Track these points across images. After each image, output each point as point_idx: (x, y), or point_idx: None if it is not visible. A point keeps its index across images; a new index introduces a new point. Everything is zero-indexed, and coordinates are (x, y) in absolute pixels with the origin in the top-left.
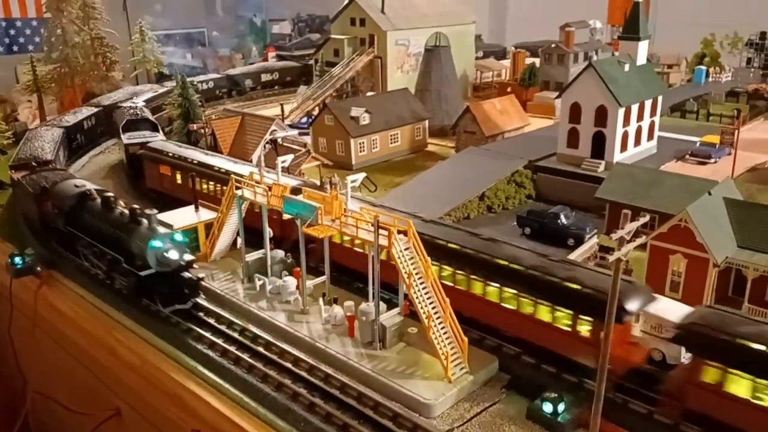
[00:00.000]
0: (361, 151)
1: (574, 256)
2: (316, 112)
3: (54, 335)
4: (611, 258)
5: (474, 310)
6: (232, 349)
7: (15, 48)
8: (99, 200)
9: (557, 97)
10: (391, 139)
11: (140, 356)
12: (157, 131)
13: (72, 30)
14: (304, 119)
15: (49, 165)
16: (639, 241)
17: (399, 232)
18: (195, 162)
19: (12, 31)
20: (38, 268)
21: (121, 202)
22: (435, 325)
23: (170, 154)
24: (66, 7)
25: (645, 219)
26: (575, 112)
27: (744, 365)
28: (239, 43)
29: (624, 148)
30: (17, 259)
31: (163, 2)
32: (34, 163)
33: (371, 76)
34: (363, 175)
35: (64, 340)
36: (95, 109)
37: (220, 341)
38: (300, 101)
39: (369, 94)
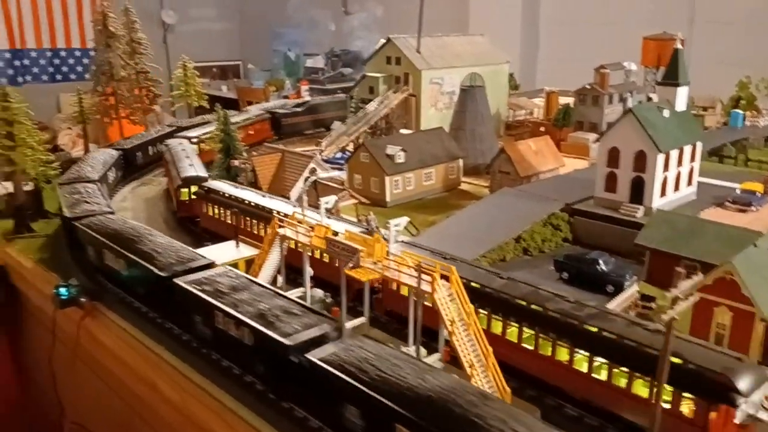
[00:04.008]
0: (395, 189)
1: (614, 304)
2: (350, 147)
3: (94, 367)
4: (665, 317)
5: None
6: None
7: (58, 77)
8: None
9: (596, 141)
10: (425, 178)
11: (181, 393)
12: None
13: (119, 64)
14: (339, 154)
15: None
16: (692, 299)
17: (442, 277)
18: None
19: (56, 61)
20: (82, 299)
21: None
22: (478, 374)
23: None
24: (114, 42)
25: (699, 277)
26: (614, 157)
27: None
28: (272, 76)
29: (663, 193)
30: (62, 290)
31: (200, 35)
32: None
33: (405, 113)
34: (406, 219)
35: (103, 372)
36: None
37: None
38: (335, 137)
39: (402, 131)
